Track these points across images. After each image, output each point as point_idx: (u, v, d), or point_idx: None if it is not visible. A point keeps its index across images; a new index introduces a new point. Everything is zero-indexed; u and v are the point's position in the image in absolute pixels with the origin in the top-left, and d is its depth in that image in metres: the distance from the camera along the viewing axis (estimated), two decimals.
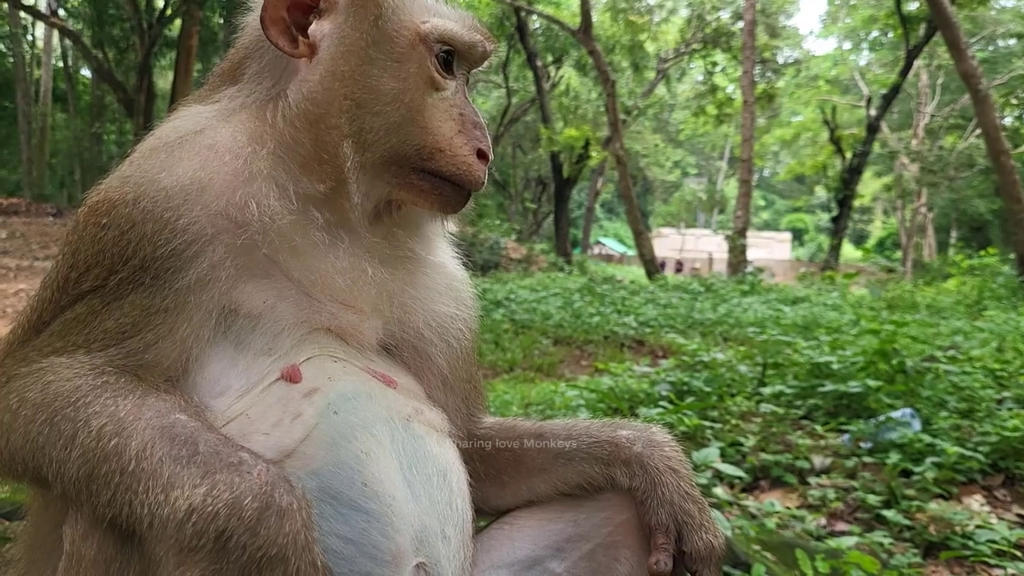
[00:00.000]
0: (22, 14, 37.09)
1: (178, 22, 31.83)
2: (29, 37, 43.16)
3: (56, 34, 38.59)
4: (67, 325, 1.47)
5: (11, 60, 40.37)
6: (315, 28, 1.61)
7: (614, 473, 1.74)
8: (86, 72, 44.56)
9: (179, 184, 1.48)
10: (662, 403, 5.73)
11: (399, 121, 1.59)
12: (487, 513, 1.90)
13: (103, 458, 1.28)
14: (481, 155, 1.65)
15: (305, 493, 1.30)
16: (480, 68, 1.80)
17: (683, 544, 1.65)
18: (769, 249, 65.52)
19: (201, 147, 1.55)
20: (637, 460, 1.72)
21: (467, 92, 1.72)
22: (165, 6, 32.61)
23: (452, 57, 1.67)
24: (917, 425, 4.99)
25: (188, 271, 1.46)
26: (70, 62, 43.99)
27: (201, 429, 1.32)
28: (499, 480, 1.87)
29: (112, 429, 1.30)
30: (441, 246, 1.90)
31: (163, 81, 41.13)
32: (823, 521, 4.02)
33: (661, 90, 47.44)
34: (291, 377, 1.53)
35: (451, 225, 1.88)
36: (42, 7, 36.41)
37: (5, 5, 34.63)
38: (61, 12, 36.53)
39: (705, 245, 61.46)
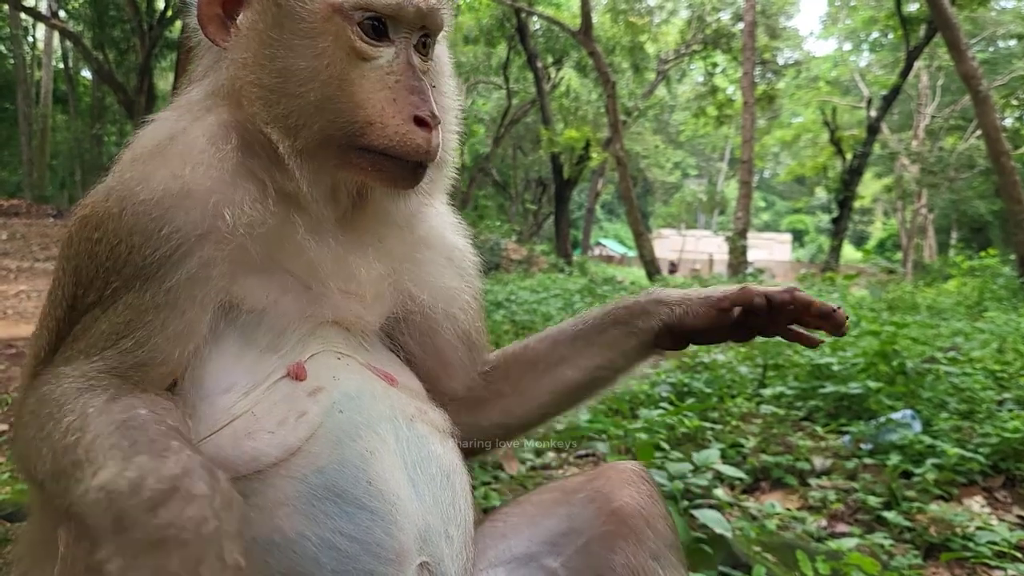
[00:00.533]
0: (23, 16, 37.11)
1: (178, 24, 31.82)
2: (30, 39, 43.17)
3: (57, 36, 38.60)
4: (75, 336, 1.51)
5: (12, 62, 40.39)
6: (240, 19, 1.61)
7: (637, 324, 1.87)
8: (87, 74, 44.58)
9: (157, 195, 1.49)
10: (662, 404, 5.73)
11: (321, 99, 1.53)
12: (515, 429, 1.97)
13: (64, 452, 1.29)
14: (420, 121, 1.53)
15: (233, 490, 1.25)
16: (432, 28, 1.66)
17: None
18: (769, 250, 65.49)
19: (174, 154, 1.55)
20: (659, 298, 1.89)
21: (413, 56, 1.60)
22: (165, 8, 32.63)
23: (382, 23, 1.58)
24: (918, 426, 4.99)
25: (178, 270, 1.47)
26: (71, 64, 43.99)
27: (153, 422, 1.30)
28: (519, 385, 1.93)
29: (77, 425, 1.30)
30: (437, 216, 1.88)
31: (164, 83, 41.10)
32: (824, 522, 4.02)
33: (661, 91, 47.41)
34: (296, 375, 1.54)
35: (424, 199, 1.75)
36: (43, 9, 36.42)
37: (5, 7, 34.65)
38: (62, 14, 36.53)
39: (705, 246, 61.43)
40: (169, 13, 32.28)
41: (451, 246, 1.87)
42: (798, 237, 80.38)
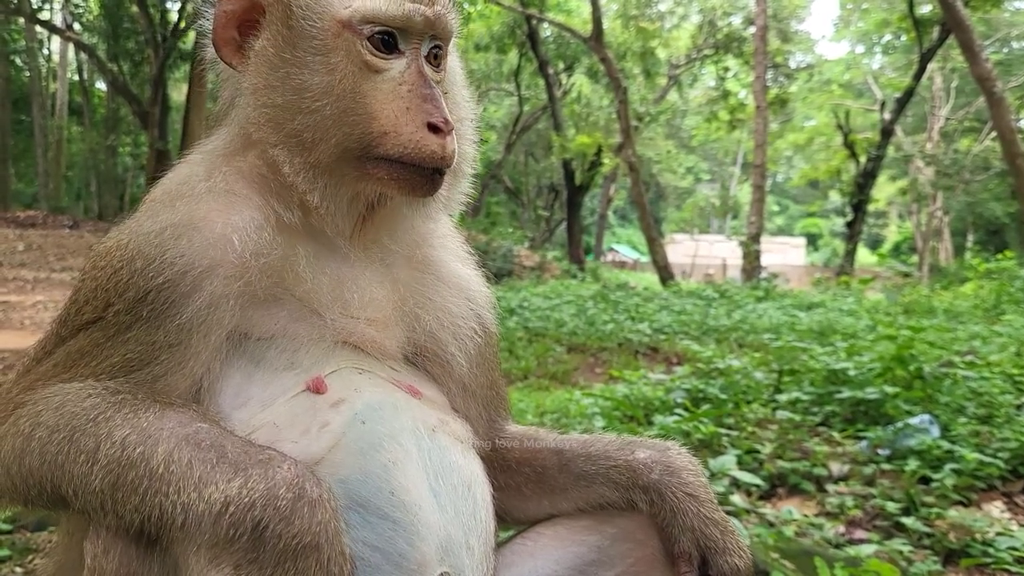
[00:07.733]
0: (38, 28, 37.46)
1: (192, 34, 32.06)
2: (45, 51, 43.56)
3: (71, 48, 38.97)
4: (71, 356, 1.52)
5: (27, 74, 40.71)
6: (255, 45, 1.63)
7: (633, 497, 1.75)
8: (101, 85, 44.83)
9: (164, 225, 1.54)
10: (678, 410, 5.72)
11: (337, 113, 1.56)
12: (508, 523, 1.91)
13: (129, 465, 1.32)
14: (433, 128, 1.55)
15: (331, 487, 1.35)
16: (441, 36, 1.67)
17: (708, 568, 1.67)
18: (783, 254, 65.22)
19: (186, 192, 1.61)
20: (655, 488, 1.72)
21: (424, 66, 1.62)
22: (179, 19, 32.86)
23: (391, 36, 1.60)
24: (935, 431, 4.96)
25: (187, 305, 1.49)
26: (85, 75, 44.28)
27: (225, 435, 1.37)
28: (520, 493, 1.89)
29: (136, 439, 1.34)
30: (448, 245, 1.90)
31: (177, 93, 41.37)
32: (841, 529, 4.00)
33: (673, 96, 47.31)
34: (316, 388, 1.56)
35: (439, 209, 1.75)
36: (57, 21, 36.74)
37: (21, 20, 35.00)
38: (76, 26, 36.86)
39: (719, 251, 61.18)
40: (183, 24, 32.48)
41: (461, 276, 1.88)
42: (812, 241, 79.98)
